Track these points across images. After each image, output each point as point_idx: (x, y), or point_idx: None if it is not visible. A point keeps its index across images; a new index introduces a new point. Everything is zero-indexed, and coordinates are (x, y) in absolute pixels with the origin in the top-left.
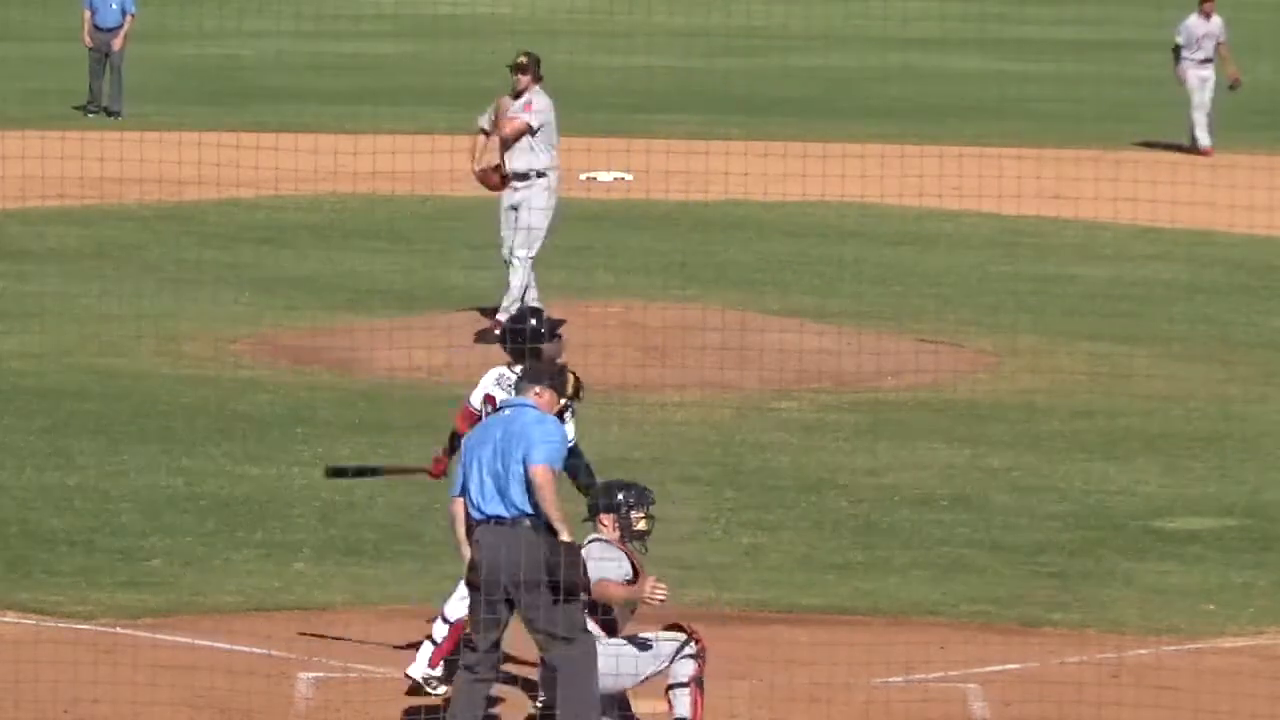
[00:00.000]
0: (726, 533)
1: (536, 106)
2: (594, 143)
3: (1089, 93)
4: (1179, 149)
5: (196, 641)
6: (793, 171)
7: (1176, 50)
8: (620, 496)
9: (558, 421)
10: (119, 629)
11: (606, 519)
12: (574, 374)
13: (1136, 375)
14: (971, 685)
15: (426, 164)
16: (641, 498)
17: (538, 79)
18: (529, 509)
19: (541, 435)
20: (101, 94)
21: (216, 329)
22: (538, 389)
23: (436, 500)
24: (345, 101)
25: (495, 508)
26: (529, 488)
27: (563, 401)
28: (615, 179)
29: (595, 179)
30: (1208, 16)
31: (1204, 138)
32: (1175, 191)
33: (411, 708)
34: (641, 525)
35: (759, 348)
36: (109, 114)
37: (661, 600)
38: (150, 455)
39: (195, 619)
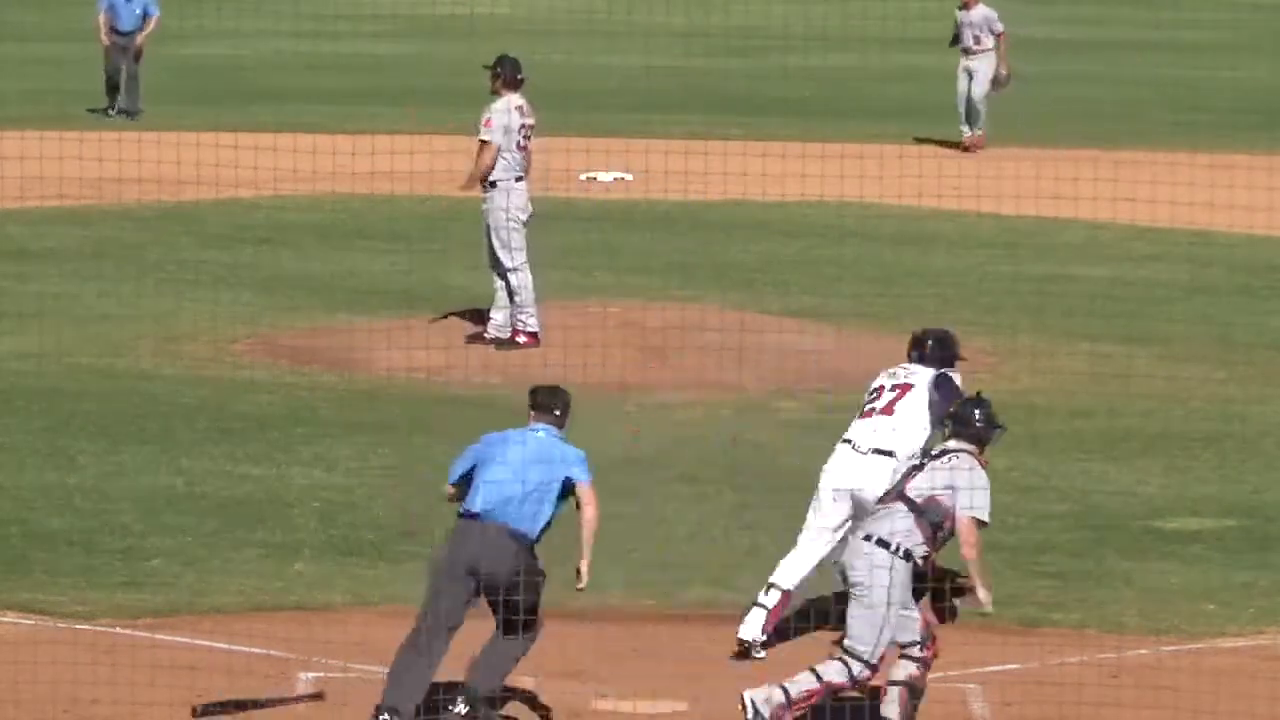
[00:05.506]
0: (726, 533)
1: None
2: (594, 143)
3: (1088, 92)
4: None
5: (196, 641)
6: (793, 171)
7: (954, 40)
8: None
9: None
10: (119, 629)
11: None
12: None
13: (1136, 375)
14: (971, 685)
15: (426, 164)
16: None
17: (501, 87)
18: (523, 529)
19: (578, 456)
20: (118, 96)
21: (216, 329)
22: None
23: (437, 501)
24: (345, 101)
25: (497, 512)
26: (579, 503)
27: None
28: (615, 179)
29: (595, 179)
30: (967, 8)
31: (965, 130)
32: (1175, 191)
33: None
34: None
35: (759, 348)
36: (128, 115)
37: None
38: (150, 455)
39: (195, 619)
